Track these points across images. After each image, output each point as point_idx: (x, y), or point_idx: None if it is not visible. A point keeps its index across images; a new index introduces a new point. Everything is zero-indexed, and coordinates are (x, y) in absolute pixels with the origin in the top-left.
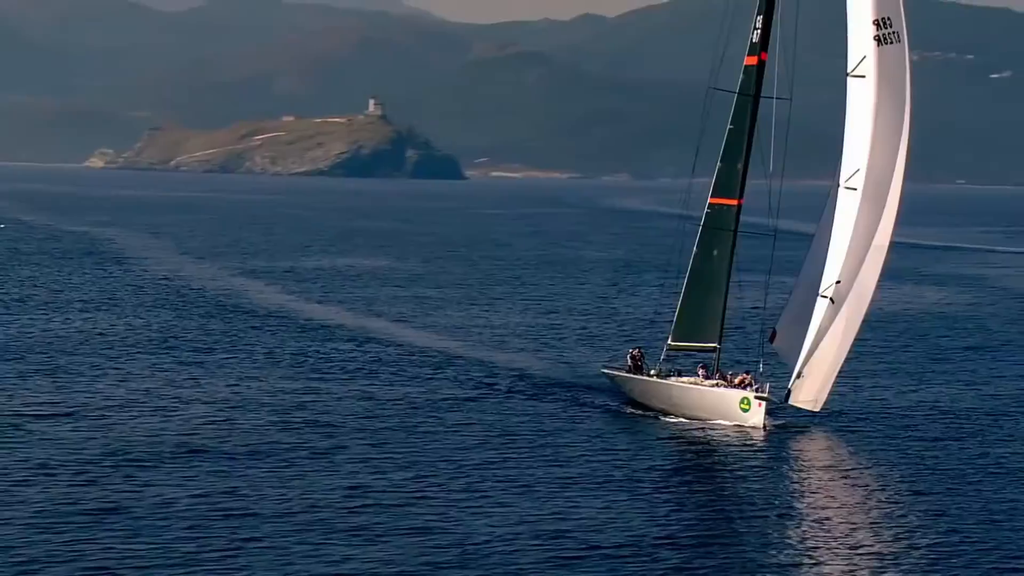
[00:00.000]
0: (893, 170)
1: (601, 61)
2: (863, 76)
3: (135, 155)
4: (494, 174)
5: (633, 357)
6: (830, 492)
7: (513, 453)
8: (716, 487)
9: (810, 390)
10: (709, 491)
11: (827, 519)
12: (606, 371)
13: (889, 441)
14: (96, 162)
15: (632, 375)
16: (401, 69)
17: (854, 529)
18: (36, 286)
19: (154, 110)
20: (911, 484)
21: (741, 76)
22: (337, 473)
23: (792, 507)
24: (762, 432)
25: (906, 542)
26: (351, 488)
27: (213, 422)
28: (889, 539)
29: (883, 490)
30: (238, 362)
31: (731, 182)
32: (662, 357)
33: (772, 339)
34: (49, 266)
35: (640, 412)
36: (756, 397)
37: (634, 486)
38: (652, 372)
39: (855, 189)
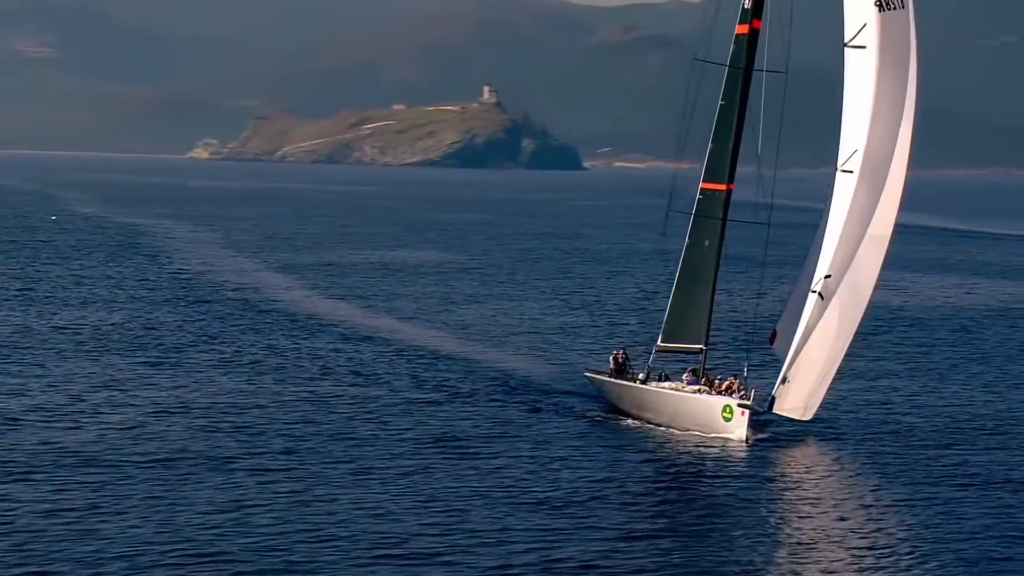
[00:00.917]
0: (893, 152)
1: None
2: (863, 47)
3: (240, 145)
4: (617, 164)
5: (616, 359)
6: (816, 523)
7: (462, 462)
8: (681, 512)
9: (797, 397)
10: (671, 517)
11: (809, 559)
12: (589, 375)
13: (887, 456)
14: (200, 153)
15: (613, 379)
16: (518, 54)
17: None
18: (30, 280)
19: (260, 98)
20: (911, 512)
21: (732, 46)
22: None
23: (767, 540)
24: (744, 445)
25: None
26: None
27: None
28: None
29: (876, 518)
30: (208, 359)
31: (722, 165)
32: (650, 360)
33: (772, 340)
34: (69, 259)
35: (621, 420)
36: (739, 405)
37: (591, 507)
38: (640, 376)
39: (851, 172)
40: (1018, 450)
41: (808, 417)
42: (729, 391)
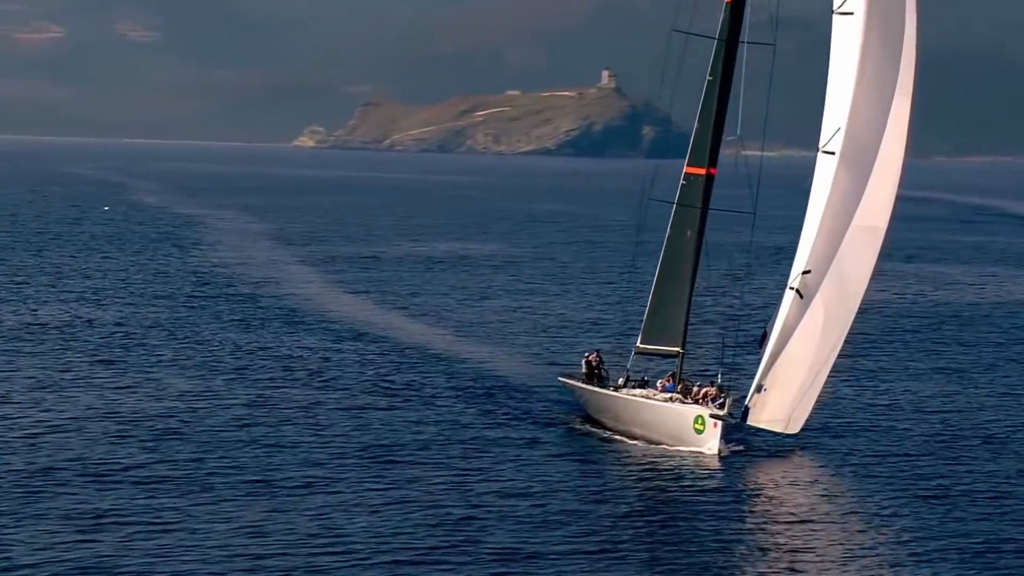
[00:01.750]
0: (884, 132)
1: None
2: (851, 13)
3: (347, 134)
4: (744, 153)
5: (588, 363)
6: (787, 555)
7: (401, 473)
8: (637, 539)
9: (777, 407)
10: (626, 544)
11: None
12: (563, 379)
13: (876, 476)
14: (306, 141)
15: (584, 385)
16: (639, 37)
17: None
18: (39, 271)
19: (370, 84)
20: (903, 545)
21: (721, 15)
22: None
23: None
24: (717, 460)
25: None
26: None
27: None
28: None
29: (854, 549)
30: (194, 354)
31: (704, 147)
32: (629, 363)
33: (762, 343)
34: (92, 251)
35: (592, 430)
36: (711, 416)
37: (538, 532)
38: (619, 381)
39: (833, 154)
40: (1010, 463)
41: (793, 430)
42: (706, 399)
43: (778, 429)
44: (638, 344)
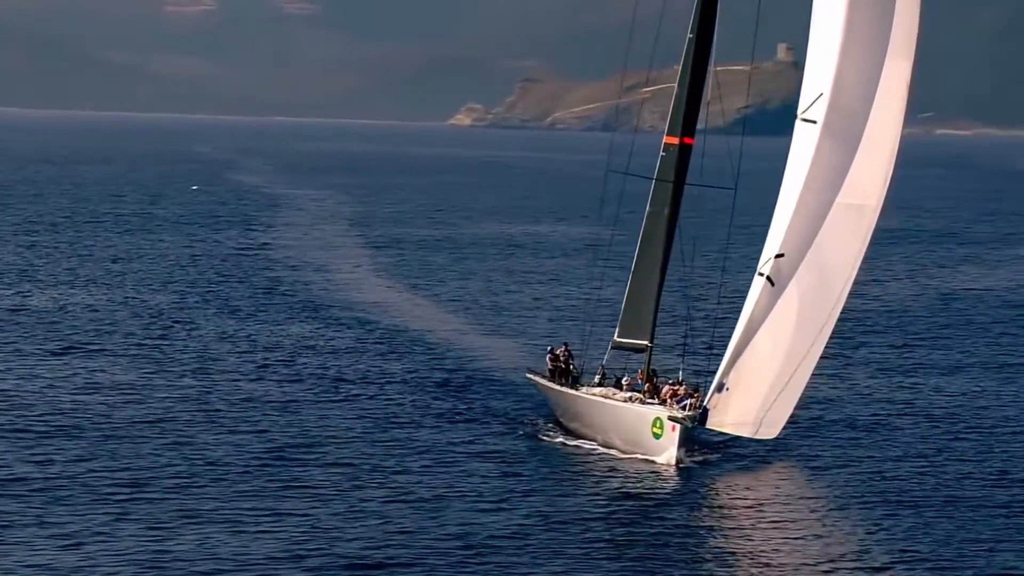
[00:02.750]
0: (873, 98)
1: None
2: None
3: (506, 111)
4: (939, 132)
5: (555, 358)
6: None
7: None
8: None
9: (743, 409)
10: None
11: None
12: (530, 376)
13: (859, 486)
14: (463, 119)
15: (548, 383)
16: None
17: None
18: (90, 253)
19: (532, 59)
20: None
21: None
22: None
23: None
24: (672, 470)
25: None
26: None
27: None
28: None
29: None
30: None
31: (680, 113)
32: (605, 359)
33: None
34: (151, 232)
35: (555, 436)
36: (670, 418)
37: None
38: (596, 379)
39: (814, 122)
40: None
41: (767, 435)
42: (674, 399)
43: (746, 434)
44: (615, 337)
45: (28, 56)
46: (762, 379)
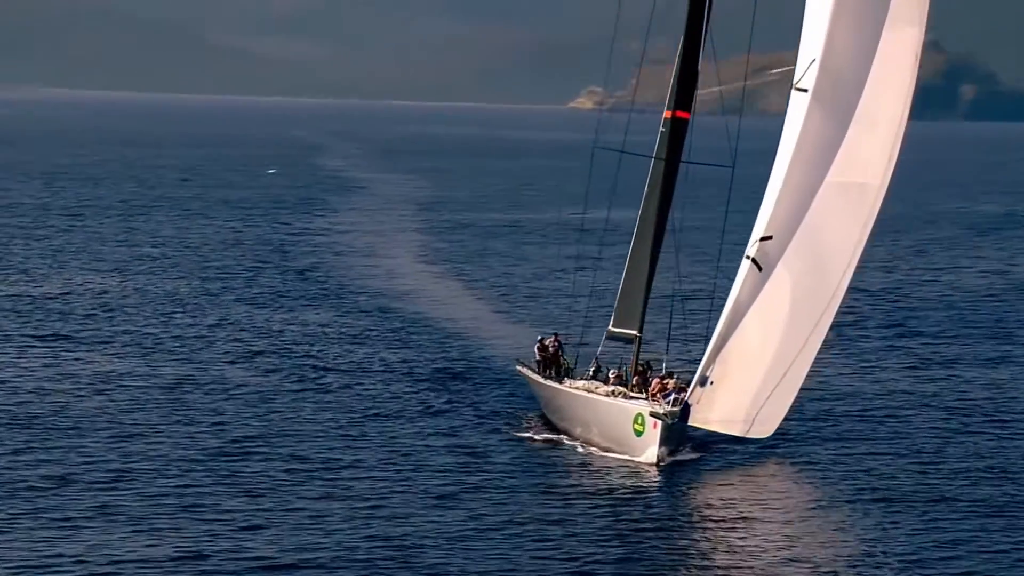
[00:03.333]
0: (871, 67)
1: None
2: None
3: (628, 94)
4: None
5: (543, 347)
6: None
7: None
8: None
9: (730, 405)
10: None
11: None
12: (520, 368)
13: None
14: (584, 103)
15: (535, 375)
16: None
17: None
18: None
19: (655, 40)
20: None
21: None
22: None
23: None
24: (654, 471)
25: None
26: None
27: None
28: None
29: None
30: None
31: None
32: (599, 349)
33: None
34: (207, 215)
35: (538, 434)
36: (651, 414)
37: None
38: (590, 371)
39: (805, 91)
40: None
41: (760, 434)
42: (663, 393)
43: (736, 432)
44: (609, 327)
45: (141, 41)
46: (752, 373)
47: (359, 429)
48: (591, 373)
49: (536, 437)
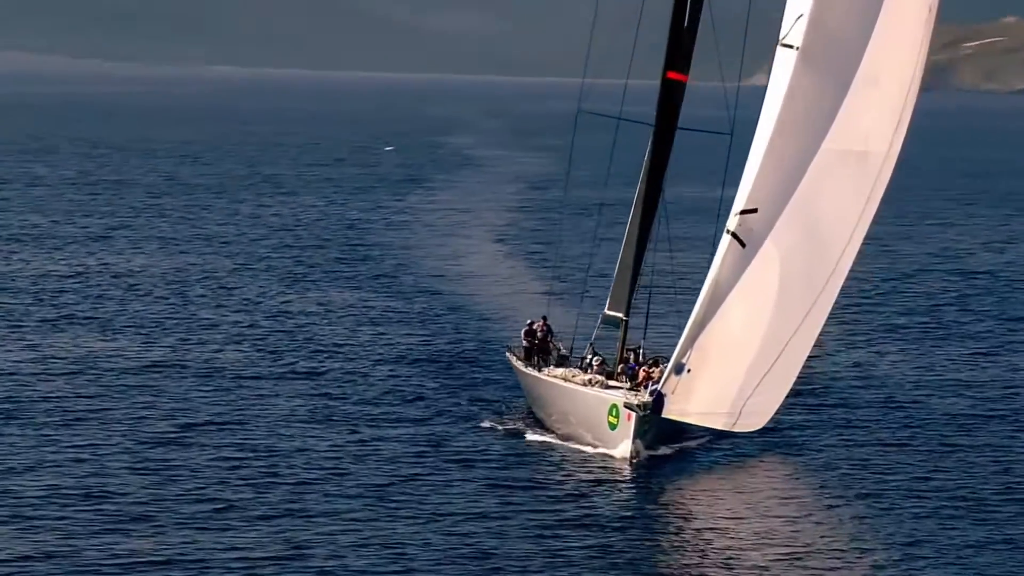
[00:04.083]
0: (875, 22)
1: None
2: None
3: None
4: None
5: (531, 332)
6: None
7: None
8: None
9: (710, 396)
10: None
11: None
12: (508, 354)
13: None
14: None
15: (520, 362)
16: None
17: None
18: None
19: None
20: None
21: None
22: None
23: None
24: (627, 468)
25: None
26: None
27: None
28: None
29: None
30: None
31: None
32: (594, 334)
33: None
34: (298, 196)
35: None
36: (625, 405)
37: None
38: (586, 359)
39: (793, 47)
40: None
41: (748, 427)
42: (648, 382)
43: (718, 426)
44: (605, 310)
45: (308, 17)
46: (735, 360)
47: (327, 413)
48: (588, 360)
49: (499, 427)
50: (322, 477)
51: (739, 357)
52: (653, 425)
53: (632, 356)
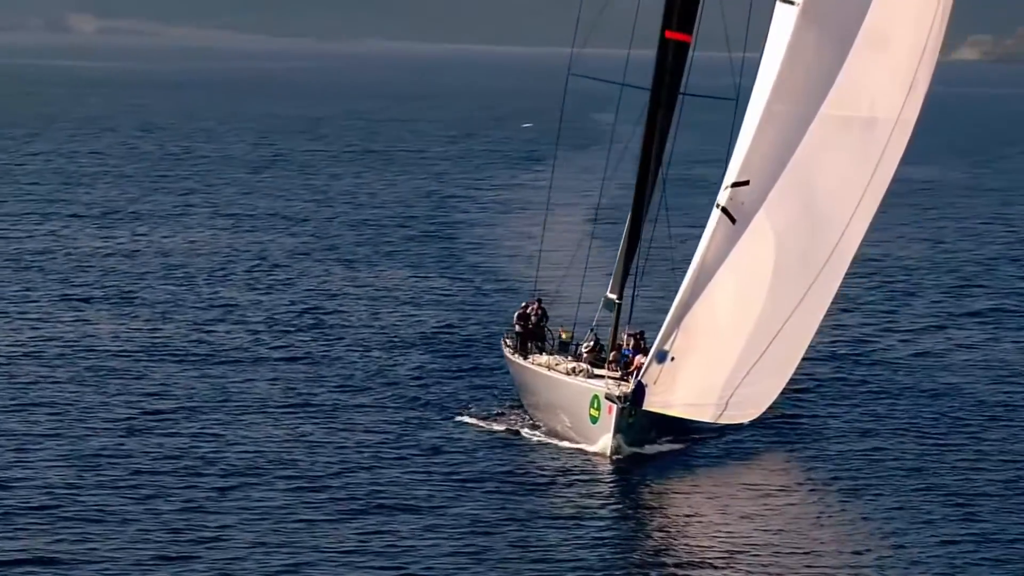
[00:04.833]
0: None
1: None
2: None
3: (1017, 44)
4: None
5: (523, 317)
6: None
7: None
8: None
9: (696, 387)
10: None
11: None
12: (505, 340)
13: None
14: (967, 54)
15: (510, 349)
16: None
17: None
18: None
19: None
20: None
21: None
22: None
23: None
24: (608, 464)
25: None
26: None
27: None
28: None
29: None
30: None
31: None
32: (596, 318)
33: None
34: (384, 173)
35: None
36: (607, 396)
37: None
38: (584, 346)
39: (792, 3)
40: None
41: (738, 419)
42: (637, 371)
43: (706, 418)
44: (607, 293)
45: None
46: (723, 346)
47: (305, 400)
48: (590, 346)
49: (470, 420)
50: (298, 472)
51: (727, 343)
52: (640, 418)
53: (632, 342)
